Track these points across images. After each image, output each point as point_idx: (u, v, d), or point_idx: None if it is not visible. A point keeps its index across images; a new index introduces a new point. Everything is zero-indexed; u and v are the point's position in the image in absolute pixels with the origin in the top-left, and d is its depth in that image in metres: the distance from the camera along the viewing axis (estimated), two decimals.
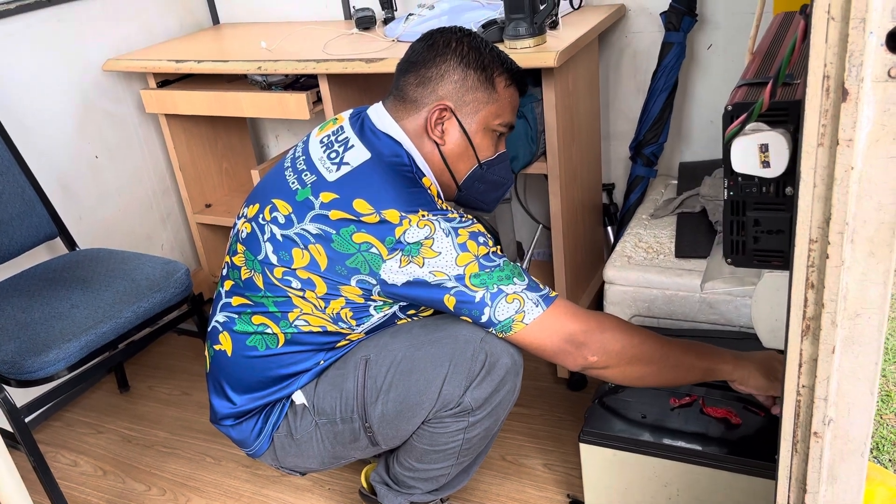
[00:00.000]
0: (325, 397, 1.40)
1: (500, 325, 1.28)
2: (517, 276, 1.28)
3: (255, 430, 1.45)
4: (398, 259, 1.26)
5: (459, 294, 1.26)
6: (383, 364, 1.36)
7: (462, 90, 1.38)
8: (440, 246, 1.26)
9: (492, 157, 1.45)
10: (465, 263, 1.26)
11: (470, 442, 1.41)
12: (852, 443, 0.79)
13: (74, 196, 2.35)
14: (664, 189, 2.16)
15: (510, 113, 1.44)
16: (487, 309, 1.27)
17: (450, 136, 1.40)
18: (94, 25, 2.37)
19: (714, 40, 2.09)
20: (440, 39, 1.40)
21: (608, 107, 2.28)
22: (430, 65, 1.38)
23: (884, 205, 0.68)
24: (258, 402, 1.44)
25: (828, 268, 0.72)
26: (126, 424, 2.23)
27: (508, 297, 1.26)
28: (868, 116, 0.66)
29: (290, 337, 1.38)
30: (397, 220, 1.26)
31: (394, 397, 1.35)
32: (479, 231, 1.30)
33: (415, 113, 1.39)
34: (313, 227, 1.31)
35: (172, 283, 1.91)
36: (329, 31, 2.31)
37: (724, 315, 1.69)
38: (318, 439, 1.43)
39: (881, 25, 0.63)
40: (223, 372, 1.46)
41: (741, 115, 0.84)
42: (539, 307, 1.27)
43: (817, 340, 0.76)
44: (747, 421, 1.42)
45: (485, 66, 1.38)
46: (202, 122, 2.56)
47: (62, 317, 1.78)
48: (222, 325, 1.45)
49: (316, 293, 1.33)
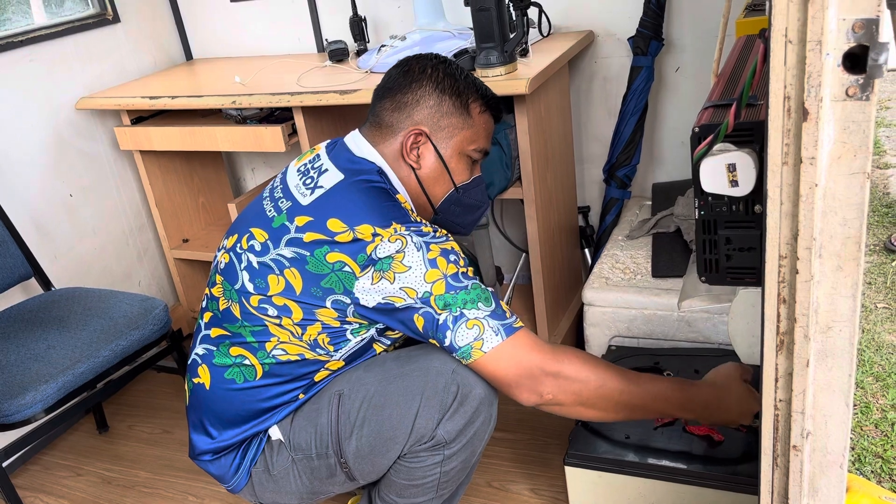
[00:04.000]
0: (300, 433, 1.39)
1: (460, 350, 1.25)
2: (483, 300, 1.26)
3: (234, 466, 1.44)
4: (370, 275, 1.25)
5: (426, 314, 1.25)
6: (356, 399, 1.36)
7: (437, 115, 1.39)
8: (410, 260, 1.24)
9: (467, 181, 1.46)
10: (433, 281, 1.24)
11: (448, 475, 1.39)
12: (831, 455, 0.81)
13: (49, 235, 2.33)
14: (639, 210, 2.19)
15: (485, 138, 1.46)
16: (449, 333, 1.24)
17: (425, 161, 1.40)
18: (66, 64, 2.37)
19: (681, 63, 2.14)
20: (416, 66, 1.41)
21: (581, 131, 2.32)
22: (405, 90, 1.39)
23: (848, 220, 0.70)
24: (237, 437, 1.42)
25: (798, 283, 0.74)
26: (106, 466, 2.19)
27: (469, 323, 1.24)
28: (829, 135, 0.68)
29: (267, 368, 1.38)
30: (370, 236, 1.25)
31: (367, 433, 1.34)
32: (451, 248, 1.29)
33: (391, 138, 1.40)
34: (288, 252, 1.31)
35: (151, 320, 1.89)
36: (303, 64, 2.33)
37: (702, 333, 1.71)
38: (296, 475, 1.41)
39: (837, 47, 0.65)
40: (202, 405, 1.45)
41: (708, 136, 0.86)
42: (499, 336, 1.24)
43: (791, 354, 0.77)
44: (729, 437, 1.43)
45: (460, 92, 1.40)
46: (177, 158, 2.56)
47: (38, 358, 1.76)
48: (201, 358, 1.45)
49: (292, 319, 1.33)
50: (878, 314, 2.41)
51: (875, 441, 1.89)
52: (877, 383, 2.09)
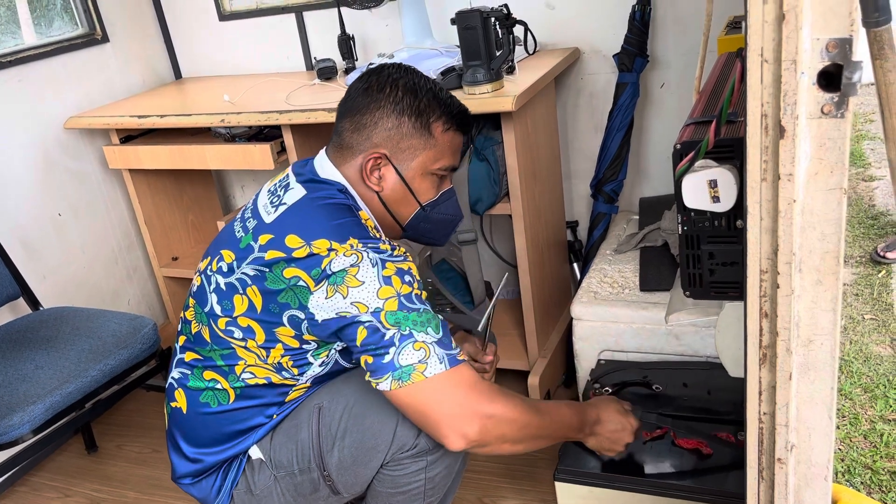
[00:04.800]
0: (281, 450, 1.39)
1: (399, 370, 1.20)
2: (433, 327, 1.23)
3: (215, 488, 1.43)
4: (324, 289, 1.23)
5: (371, 327, 1.21)
6: (336, 410, 1.35)
7: (397, 137, 1.35)
8: (364, 275, 1.22)
9: (434, 198, 1.43)
10: (386, 297, 1.21)
11: (433, 481, 1.38)
12: (815, 467, 0.81)
13: (37, 255, 2.32)
14: (626, 224, 2.20)
15: (451, 156, 1.41)
16: (393, 349, 1.20)
17: (387, 183, 1.37)
18: (55, 84, 2.37)
19: (666, 79, 2.16)
20: (375, 83, 1.36)
21: (568, 147, 2.33)
22: (364, 111, 1.35)
23: (826, 235, 0.71)
24: (215, 457, 1.42)
25: (779, 297, 0.75)
26: (95, 486, 2.18)
27: (416, 344, 1.20)
28: (806, 151, 0.69)
29: (239, 392, 1.37)
30: (325, 251, 1.23)
31: (349, 443, 1.34)
32: (407, 269, 1.26)
33: (351, 159, 1.37)
34: (250, 270, 1.30)
35: (139, 339, 1.89)
36: (291, 83, 2.34)
37: (690, 346, 1.72)
38: (279, 493, 1.41)
39: (812, 66, 0.67)
40: (179, 429, 1.45)
41: (689, 153, 0.87)
42: (442, 364, 1.21)
43: (774, 368, 0.78)
44: (718, 451, 1.44)
45: (420, 112, 1.35)
46: (167, 176, 2.56)
47: (26, 379, 1.75)
48: (177, 382, 1.44)
49: (256, 341, 1.32)
50: (865, 325, 2.43)
51: (864, 452, 1.90)
52: (865, 394, 2.10)
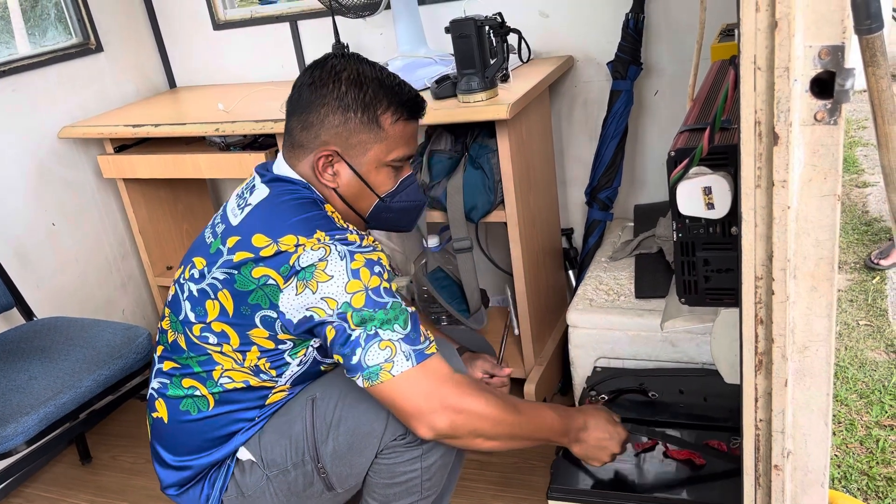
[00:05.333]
0: (273, 448, 1.38)
1: (367, 370, 1.20)
2: (400, 322, 1.22)
3: (203, 497, 1.42)
4: (294, 286, 1.22)
5: (339, 327, 1.21)
6: (331, 400, 1.35)
7: (345, 134, 1.32)
8: (333, 269, 1.21)
9: (392, 188, 1.40)
10: (354, 292, 1.20)
11: (429, 471, 1.36)
12: (812, 473, 0.81)
13: (31, 265, 2.32)
14: (621, 231, 2.20)
15: (404, 146, 1.38)
16: (360, 350, 1.20)
17: (342, 179, 1.35)
18: (49, 94, 2.37)
19: (660, 86, 2.17)
20: (318, 78, 1.33)
21: (562, 154, 2.34)
22: (309, 108, 1.32)
23: (821, 241, 0.71)
24: (199, 462, 1.41)
25: (774, 303, 0.75)
26: (89, 497, 2.16)
27: (382, 343, 1.20)
28: (799, 158, 0.69)
29: (218, 397, 1.37)
30: (293, 247, 1.23)
31: (344, 430, 1.33)
32: (377, 259, 1.25)
33: (304, 158, 1.35)
34: (220, 273, 1.29)
35: (134, 349, 1.88)
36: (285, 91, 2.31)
37: (686, 353, 1.72)
38: (272, 493, 1.40)
39: (804, 73, 0.67)
40: (162, 439, 1.44)
41: (684, 160, 0.87)
42: (409, 361, 1.21)
43: (770, 374, 0.78)
44: (711, 461, 1.43)
45: (367, 105, 1.31)
46: (161, 185, 2.55)
47: (19, 389, 1.74)
48: (157, 392, 1.44)
49: (231, 345, 1.32)
50: (860, 331, 2.44)
51: (860, 458, 1.90)
52: (861, 400, 2.10)
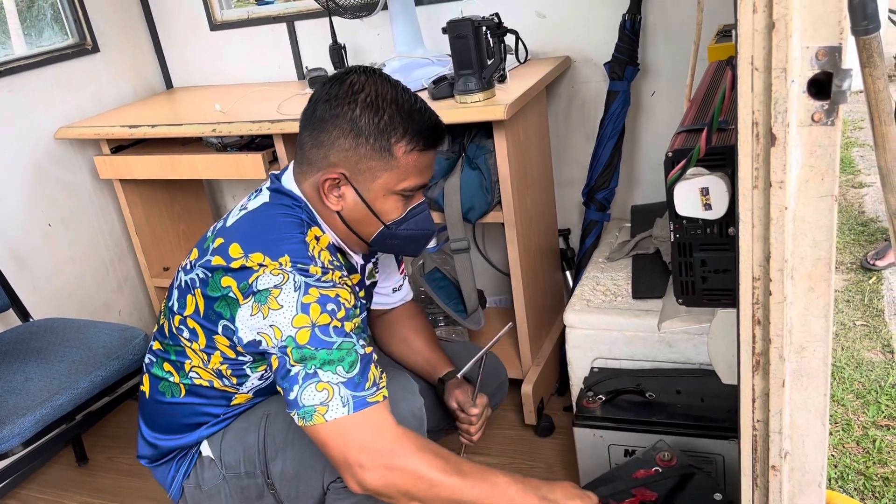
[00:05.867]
0: (230, 450, 1.39)
1: (302, 409, 1.15)
2: (344, 364, 1.16)
3: (169, 477, 1.45)
4: (250, 306, 1.20)
5: (281, 360, 1.17)
6: (282, 421, 1.34)
7: (354, 158, 1.25)
8: (284, 299, 1.17)
9: (400, 216, 1.32)
10: (299, 327, 1.16)
11: None
12: (809, 474, 0.81)
13: (27, 266, 2.31)
14: (618, 232, 2.20)
15: (417, 176, 1.29)
16: (297, 388, 1.15)
17: (346, 203, 1.29)
18: (45, 95, 2.37)
19: (657, 87, 2.17)
20: (335, 96, 1.25)
21: (559, 155, 2.34)
22: (322, 126, 1.26)
23: (818, 241, 0.71)
24: (168, 444, 1.43)
25: (772, 304, 0.75)
26: (85, 499, 2.16)
27: (319, 385, 1.14)
28: (797, 159, 0.69)
29: (188, 388, 1.39)
30: (256, 266, 1.20)
31: (291, 456, 1.32)
32: (334, 296, 1.19)
33: (311, 176, 1.29)
34: (200, 272, 1.29)
35: (130, 350, 1.88)
36: (282, 92, 2.34)
37: (683, 353, 1.72)
38: (227, 493, 1.40)
39: (802, 74, 0.67)
40: (142, 411, 1.48)
41: (681, 160, 0.87)
42: (346, 407, 1.14)
43: (767, 375, 0.78)
44: (661, 492, 1.38)
45: (380, 132, 1.23)
46: (158, 186, 2.55)
47: (16, 391, 1.73)
48: (146, 367, 1.47)
49: (199, 345, 1.32)
50: (856, 331, 2.44)
51: (857, 458, 1.90)
52: (857, 400, 2.11)
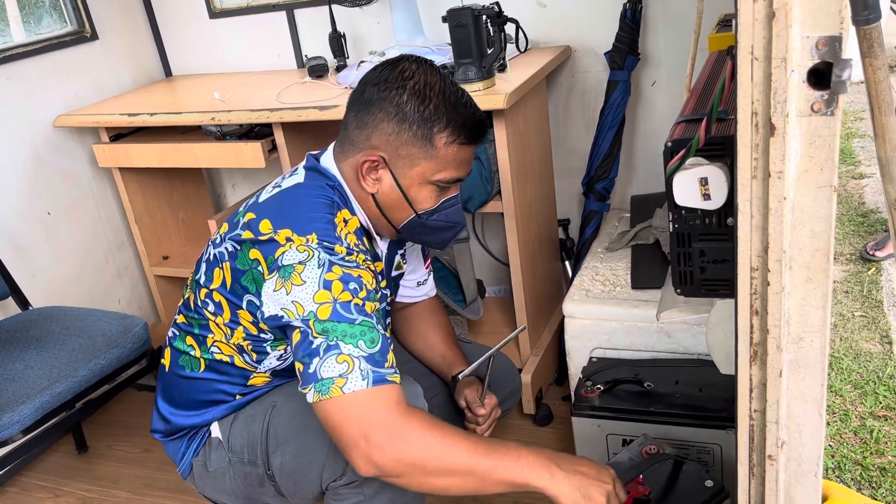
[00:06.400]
0: (237, 435, 1.40)
1: (320, 382, 1.14)
2: (367, 341, 1.15)
3: (180, 452, 1.46)
4: (275, 281, 1.20)
5: (303, 335, 1.17)
6: (285, 414, 1.34)
7: (396, 143, 1.26)
8: (308, 275, 1.18)
9: (432, 207, 1.34)
10: (321, 302, 1.16)
11: None
12: (806, 464, 0.82)
13: (26, 254, 2.31)
14: (618, 222, 2.20)
15: (455, 169, 1.31)
16: (317, 360, 1.14)
17: (382, 186, 1.31)
18: (43, 83, 2.36)
19: (657, 77, 2.16)
20: (384, 80, 1.27)
21: (559, 145, 2.33)
22: (368, 108, 1.28)
23: (817, 232, 0.71)
24: (182, 421, 1.44)
25: (770, 294, 0.75)
26: (85, 486, 2.17)
27: (340, 357, 1.13)
28: (796, 149, 0.69)
29: (208, 363, 1.40)
30: (284, 240, 1.22)
31: (291, 451, 1.32)
32: (357, 276, 1.20)
33: (351, 157, 1.31)
34: (230, 245, 1.29)
35: (130, 339, 1.88)
36: (282, 81, 2.33)
37: (681, 343, 1.72)
38: (231, 476, 1.41)
39: (802, 64, 0.67)
40: (161, 384, 1.49)
41: (680, 150, 0.87)
42: (365, 381, 1.13)
43: (765, 365, 0.78)
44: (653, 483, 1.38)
45: (424, 120, 1.25)
46: (157, 174, 2.55)
47: (15, 378, 1.74)
48: (169, 340, 1.48)
49: (223, 319, 1.33)
50: (855, 322, 2.44)
51: (854, 448, 1.91)
52: (855, 391, 2.11)
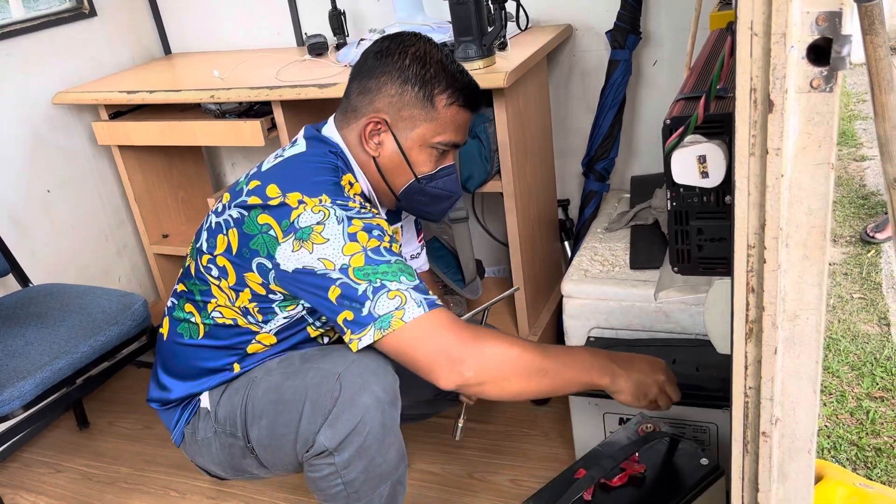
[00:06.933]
0: (223, 407, 1.42)
1: (379, 320, 1.19)
2: (406, 274, 1.22)
3: (174, 420, 1.49)
4: (291, 243, 1.24)
5: (344, 286, 1.21)
6: (261, 388, 1.37)
7: (398, 105, 1.35)
8: (330, 233, 1.22)
9: (431, 172, 1.42)
10: (352, 254, 1.21)
11: (353, 486, 1.32)
12: (799, 441, 0.82)
13: (26, 231, 2.31)
14: (617, 203, 2.20)
15: (453, 132, 1.40)
16: (368, 303, 1.19)
17: (384, 150, 1.38)
18: (42, 59, 2.35)
19: (659, 56, 2.15)
20: (386, 48, 1.37)
21: (559, 124, 2.33)
22: (371, 75, 1.36)
23: (814, 210, 0.71)
24: (179, 392, 1.47)
25: (766, 272, 0.75)
26: (86, 462, 2.18)
27: (391, 293, 1.19)
28: (794, 126, 0.69)
29: (207, 329, 1.42)
30: (296, 203, 1.26)
31: (266, 425, 1.35)
32: (376, 224, 1.26)
33: (353, 122, 1.39)
34: (235, 212, 1.33)
35: (129, 316, 1.89)
36: (282, 58, 2.32)
37: (679, 323, 1.73)
38: (217, 447, 1.44)
39: (801, 39, 0.66)
40: (159, 354, 1.52)
41: (679, 128, 0.87)
42: (421, 307, 1.19)
43: (760, 342, 0.78)
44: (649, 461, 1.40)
45: (425, 82, 1.34)
46: (156, 153, 2.54)
47: (16, 354, 1.74)
48: (167, 310, 1.51)
49: (228, 283, 1.35)
50: (853, 304, 2.45)
51: (850, 429, 1.92)
52: (852, 372, 2.12)
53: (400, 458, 1.37)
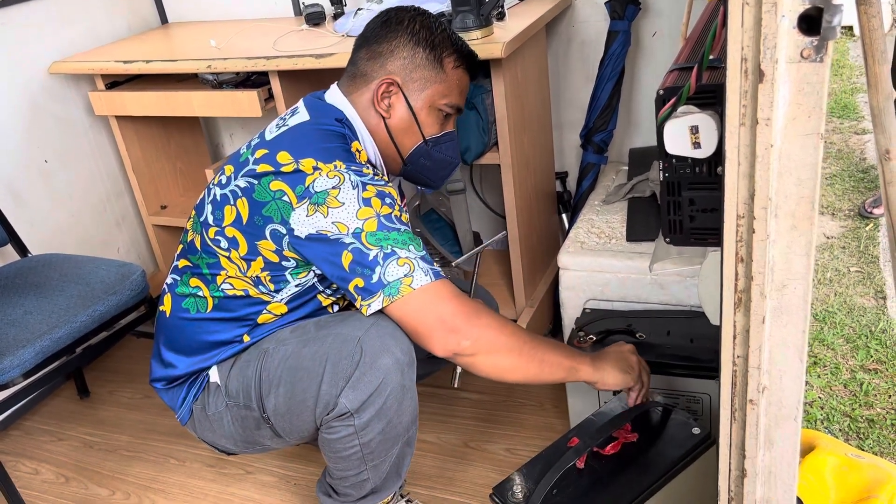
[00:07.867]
0: (234, 380, 1.43)
1: (388, 286, 1.25)
2: (414, 244, 1.28)
3: (181, 398, 1.49)
4: (306, 208, 1.27)
5: (356, 251, 1.26)
6: (276, 358, 1.38)
7: (410, 66, 1.42)
8: (345, 197, 1.27)
9: (437, 134, 1.48)
10: (365, 218, 1.26)
11: (369, 447, 1.37)
12: (786, 408, 0.83)
13: (25, 202, 2.31)
14: (615, 175, 2.20)
15: (458, 94, 1.48)
16: (379, 268, 1.25)
17: (395, 111, 1.43)
18: (38, 28, 2.33)
19: (658, 27, 2.13)
20: (394, 17, 1.44)
21: (558, 96, 2.32)
22: (381, 40, 1.42)
23: (803, 180, 0.72)
24: (185, 368, 1.47)
25: (755, 242, 0.76)
26: (87, 430, 2.21)
27: (400, 261, 1.25)
28: (784, 96, 0.69)
29: (217, 302, 1.43)
30: (310, 169, 1.29)
31: (283, 392, 1.37)
32: (388, 192, 1.31)
33: (364, 87, 1.44)
34: (242, 182, 1.35)
35: (128, 286, 1.89)
36: (279, 28, 2.31)
37: (674, 295, 1.74)
38: (229, 421, 1.46)
39: (793, 9, 0.66)
40: (161, 332, 1.52)
41: (672, 98, 0.87)
42: (428, 276, 1.26)
43: (748, 312, 0.79)
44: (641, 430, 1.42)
45: (434, 45, 1.42)
46: (154, 123, 2.53)
47: (15, 323, 1.76)
48: (168, 287, 1.51)
49: (239, 253, 1.37)
50: (850, 277, 2.46)
51: (843, 401, 1.94)
52: (847, 345, 2.13)
53: (412, 420, 1.41)
